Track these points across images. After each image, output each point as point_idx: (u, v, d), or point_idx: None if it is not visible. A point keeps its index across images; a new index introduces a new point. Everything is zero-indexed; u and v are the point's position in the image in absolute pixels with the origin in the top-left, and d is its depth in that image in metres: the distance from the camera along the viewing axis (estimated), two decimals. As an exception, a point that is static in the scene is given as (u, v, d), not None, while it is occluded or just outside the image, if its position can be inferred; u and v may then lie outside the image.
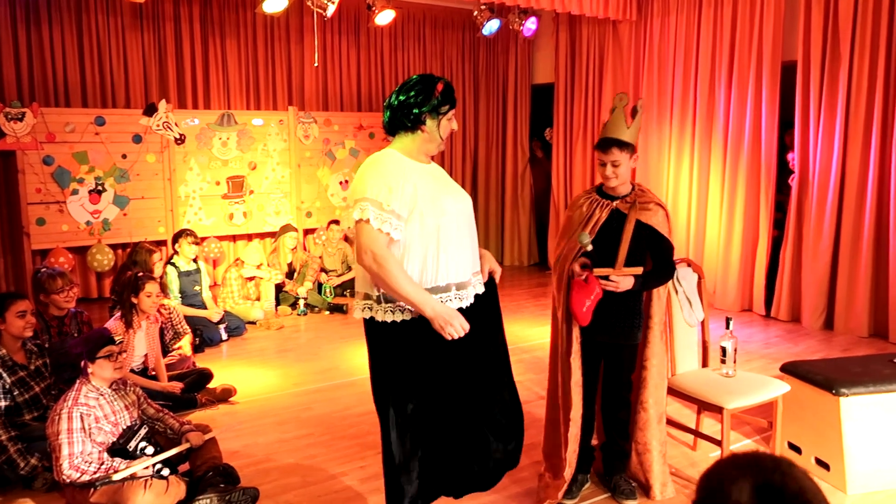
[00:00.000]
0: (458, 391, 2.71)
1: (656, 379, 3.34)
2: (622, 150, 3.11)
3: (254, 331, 6.44)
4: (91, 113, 7.04)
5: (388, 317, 2.56)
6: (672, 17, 7.45)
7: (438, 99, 2.59)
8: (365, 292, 2.62)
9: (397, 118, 2.60)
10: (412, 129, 2.60)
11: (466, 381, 2.72)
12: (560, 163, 8.86)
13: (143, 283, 4.46)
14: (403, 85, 2.62)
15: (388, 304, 2.56)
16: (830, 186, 6.21)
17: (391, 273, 2.44)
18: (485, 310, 2.72)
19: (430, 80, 2.62)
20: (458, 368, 2.71)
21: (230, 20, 8.01)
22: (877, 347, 5.72)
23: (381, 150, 2.63)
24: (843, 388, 3.39)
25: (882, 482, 3.45)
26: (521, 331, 6.45)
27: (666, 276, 3.25)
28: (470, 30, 9.50)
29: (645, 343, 3.34)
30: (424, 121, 2.59)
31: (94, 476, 3.05)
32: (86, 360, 3.26)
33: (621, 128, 3.12)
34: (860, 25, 5.92)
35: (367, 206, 2.45)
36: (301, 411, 4.54)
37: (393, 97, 2.62)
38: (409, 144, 2.63)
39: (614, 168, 3.14)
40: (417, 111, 2.57)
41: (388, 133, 2.68)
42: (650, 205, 3.20)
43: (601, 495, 3.43)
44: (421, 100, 2.57)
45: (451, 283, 2.58)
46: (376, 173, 2.51)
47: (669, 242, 3.21)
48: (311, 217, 8.36)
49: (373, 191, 2.46)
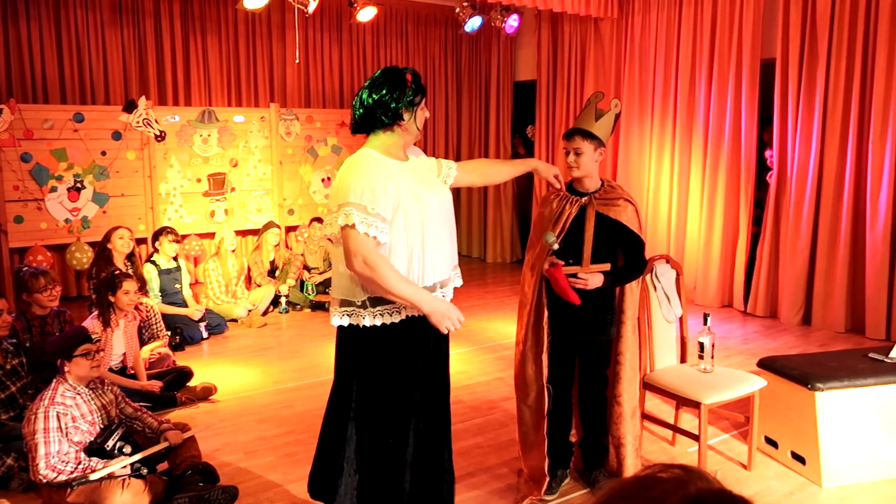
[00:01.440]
0: (442, 397, 2.74)
1: (629, 373, 3.36)
2: (585, 139, 3.13)
3: (235, 328, 6.42)
4: (70, 109, 6.98)
5: (378, 320, 2.53)
6: (653, 15, 7.49)
7: (411, 90, 2.56)
8: (344, 299, 2.57)
9: (373, 116, 2.55)
10: (390, 125, 2.56)
11: (444, 390, 2.75)
12: (542, 159, 8.87)
13: (120, 282, 4.43)
14: (372, 82, 2.57)
15: (377, 308, 2.53)
16: (808, 183, 6.27)
17: (384, 275, 2.40)
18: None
19: (398, 73, 2.58)
20: (442, 372, 2.72)
21: (211, 16, 7.96)
22: (854, 342, 5.78)
23: (358, 152, 2.58)
24: (818, 383, 3.43)
25: (856, 475, 3.50)
26: (504, 328, 6.46)
27: (636, 271, 3.26)
28: (452, 27, 9.50)
29: (618, 337, 3.35)
30: (402, 115, 2.55)
31: (71, 476, 3.04)
32: (62, 359, 3.24)
33: (589, 120, 3.16)
34: (837, 25, 5.98)
35: (351, 210, 2.40)
36: (282, 409, 4.53)
37: (364, 95, 2.56)
38: (387, 141, 2.59)
39: (576, 157, 3.16)
40: (395, 106, 2.53)
41: (359, 132, 2.64)
42: (619, 200, 3.21)
43: (580, 491, 3.45)
44: (397, 95, 2.53)
45: (436, 282, 2.59)
46: (358, 176, 2.45)
47: (640, 238, 3.22)
48: (293, 214, 8.33)
49: (356, 194, 2.42)
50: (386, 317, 2.53)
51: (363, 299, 2.52)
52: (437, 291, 2.59)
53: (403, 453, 2.65)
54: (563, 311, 3.26)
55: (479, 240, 9.86)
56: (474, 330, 6.30)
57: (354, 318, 2.56)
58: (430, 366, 2.69)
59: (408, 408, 2.63)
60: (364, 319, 2.54)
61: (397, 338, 2.57)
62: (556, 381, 3.34)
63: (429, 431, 2.72)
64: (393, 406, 2.62)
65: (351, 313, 2.56)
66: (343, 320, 2.57)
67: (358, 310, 2.54)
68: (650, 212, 7.68)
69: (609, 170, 8.07)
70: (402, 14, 9.27)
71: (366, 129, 2.61)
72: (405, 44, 9.37)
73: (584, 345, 3.31)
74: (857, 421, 3.48)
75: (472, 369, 5.27)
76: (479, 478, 3.58)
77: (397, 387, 2.61)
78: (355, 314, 2.55)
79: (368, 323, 2.53)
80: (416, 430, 2.68)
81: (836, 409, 3.46)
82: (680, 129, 7.33)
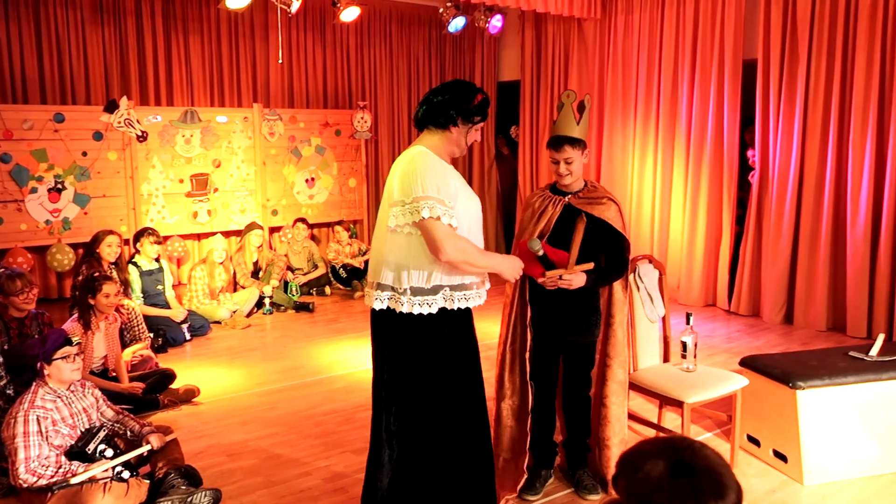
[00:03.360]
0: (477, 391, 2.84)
1: (619, 376, 3.37)
2: (574, 147, 3.16)
3: (219, 330, 6.38)
4: (50, 109, 6.90)
5: (416, 309, 2.64)
6: (636, 16, 7.52)
7: (475, 108, 2.74)
8: (389, 284, 2.67)
9: (432, 114, 2.72)
10: (443, 126, 2.72)
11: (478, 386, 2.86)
12: (526, 160, 8.91)
13: (100, 285, 4.39)
14: (444, 85, 2.78)
15: (417, 298, 2.64)
16: (790, 183, 6.32)
17: (473, 256, 2.60)
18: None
19: (470, 88, 2.77)
20: (475, 361, 2.84)
21: (193, 15, 7.90)
22: (835, 341, 5.83)
23: (414, 149, 2.70)
24: (799, 382, 3.46)
25: (837, 473, 3.53)
26: (487, 328, 6.45)
27: (619, 271, 3.27)
28: (436, 27, 9.49)
29: (607, 340, 3.36)
30: (456, 123, 2.72)
31: (52, 480, 3.00)
32: (42, 362, 3.21)
33: (571, 125, 3.17)
34: (817, 26, 6.04)
35: (433, 203, 2.55)
36: (265, 411, 4.51)
37: (432, 94, 2.75)
38: (438, 142, 2.74)
39: (567, 165, 3.18)
40: (453, 112, 2.70)
41: (417, 126, 2.80)
42: (602, 199, 3.23)
43: (564, 490, 3.45)
44: (458, 102, 2.71)
45: (474, 281, 2.73)
46: (428, 171, 2.60)
47: (623, 237, 3.24)
48: (276, 215, 8.29)
49: (432, 188, 2.57)
50: (425, 307, 2.63)
51: (406, 287, 2.63)
52: (473, 290, 2.73)
53: (438, 442, 2.75)
54: (547, 311, 3.27)
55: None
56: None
57: (393, 303, 2.66)
58: (461, 357, 2.79)
59: (439, 397, 2.73)
60: (403, 306, 2.63)
61: (432, 327, 2.68)
62: (539, 380, 3.36)
63: (463, 423, 2.80)
64: (423, 394, 2.73)
65: (391, 298, 2.67)
66: (383, 304, 2.68)
67: (398, 296, 2.64)
68: (633, 212, 7.71)
69: (593, 170, 8.09)
70: (385, 14, 9.25)
71: (422, 124, 2.78)
72: (389, 44, 9.35)
73: (568, 346, 3.32)
74: (838, 419, 3.52)
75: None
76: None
77: (427, 375, 2.72)
78: (394, 298, 2.66)
79: (406, 310, 2.63)
80: (450, 421, 2.77)
81: (818, 407, 3.49)
82: (663, 129, 7.37)
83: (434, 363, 2.71)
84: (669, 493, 1.20)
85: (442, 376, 2.72)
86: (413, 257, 2.62)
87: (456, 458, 2.77)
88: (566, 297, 3.13)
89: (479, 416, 2.84)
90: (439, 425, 2.74)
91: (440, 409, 2.73)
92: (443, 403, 2.73)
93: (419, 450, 2.75)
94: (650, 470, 1.24)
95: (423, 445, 2.75)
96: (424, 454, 2.75)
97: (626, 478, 1.27)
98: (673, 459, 1.25)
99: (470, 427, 2.80)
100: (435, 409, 2.73)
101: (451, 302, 2.67)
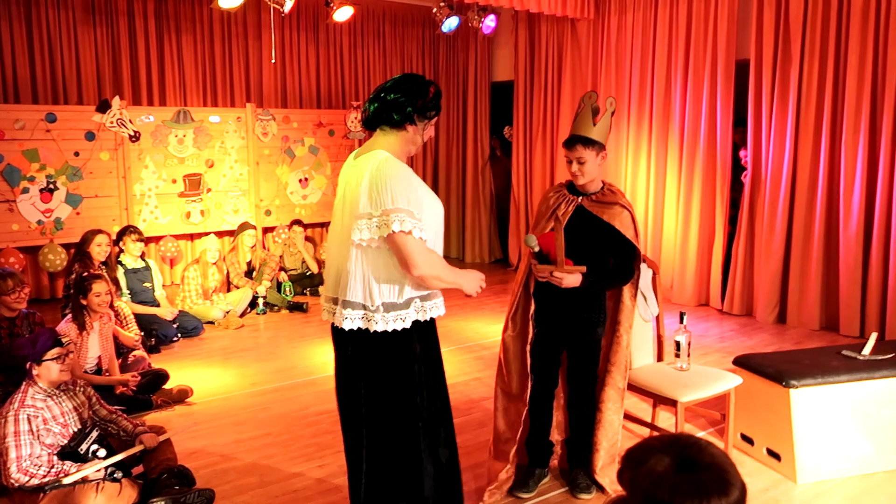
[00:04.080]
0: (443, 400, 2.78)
1: (618, 383, 3.36)
2: (587, 147, 3.12)
3: (212, 330, 6.36)
4: (42, 109, 6.88)
5: (391, 326, 2.53)
6: (629, 16, 7.54)
7: (430, 102, 2.61)
8: (358, 302, 2.54)
9: (386, 113, 2.57)
10: (398, 126, 2.58)
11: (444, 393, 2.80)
12: (520, 160, 8.91)
13: (89, 284, 4.36)
14: (396, 82, 2.60)
15: (390, 314, 2.53)
16: (782, 183, 6.34)
17: (442, 271, 2.53)
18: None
19: (422, 82, 2.63)
20: (441, 375, 2.77)
21: (186, 15, 7.88)
22: (828, 340, 5.86)
23: (377, 155, 2.53)
24: (792, 381, 3.47)
25: (830, 471, 3.54)
26: (482, 327, 6.47)
27: (623, 277, 3.26)
28: (429, 27, 9.49)
29: (610, 346, 3.36)
30: (413, 121, 2.59)
31: (44, 480, 2.99)
32: (32, 362, 3.19)
33: (587, 125, 3.13)
34: (810, 26, 6.06)
35: (404, 216, 2.42)
36: (259, 411, 4.50)
37: (383, 92, 2.59)
38: (394, 143, 2.60)
39: (580, 165, 3.15)
40: (410, 110, 2.56)
41: (368, 128, 2.66)
42: (615, 206, 3.21)
43: (559, 490, 3.45)
44: (414, 100, 2.57)
45: (433, 292, 2.65)
46: (396, 181, 2.46)
47: (632, 244, 3.21)
48: (270, 215, 8.28)
49: (402, 200, 2.44)
50: (398, 322, 2.53)
51: (378, 304, 2.52)
52: (437, 299, 2.66)
53: (417, 454, 2.68)
54: (549, 306, 3.27)
55: (458, 240, 9.86)
56: (453, 330, 6.30)
57: (365, 322, 2.54)
58: (434, 367, 2.73)
59: (414, 411, 2.65)
60: (377, 324, 2.52)
61: (403, 342, 2.59)
62: (539, 375, 3.35)
63: (437, 429, 2.75)
64: (400, 409, 2.64)
65: (363, 317, 2.54)
66: (356, 323, 2.55)
67: (370, 314, 2.53)
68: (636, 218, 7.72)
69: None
70: (378, 14, 9.25)
71: (373, 124, 2.63)
72: (382, 44, 9.35)
73: (572, 343, 3.32)
74: (831, 418, 3.53)
75: (451, 369, 5.26)
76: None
77: (406, 388, 2.63)
78: (367, 318, 2.54)
79: (380, 328, 2.52)
80: (423, 432, 2.70)
81: (811, 406, 3.50)
82: (656, 129, 7.38)
83: (410, 376, 2.62)
84: (673, 487, 1.21)
85: (419, 387, 2.64)
86: (383, 271, 2.52)
87: (430, 462, 2.72)
88: (568, 293, 3.13)
89: (449, 421, 2.81)
90: (417, 433, 2.66)
91: (418, 419, 2.66)
92: (421, 413, 2.66)
93: (398, 459, 2.68)
94: (655, 464, 1.25)
95: (401, 455, 2.67)
96: (403, 462, 2.68)
97: (631, 471, 1.28)
98: (678, 455, 1.26)
99: (443, 431, 2.76)
100: (414, 419, 2.65)
101: (423, 313, 2.58)
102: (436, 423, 2.73)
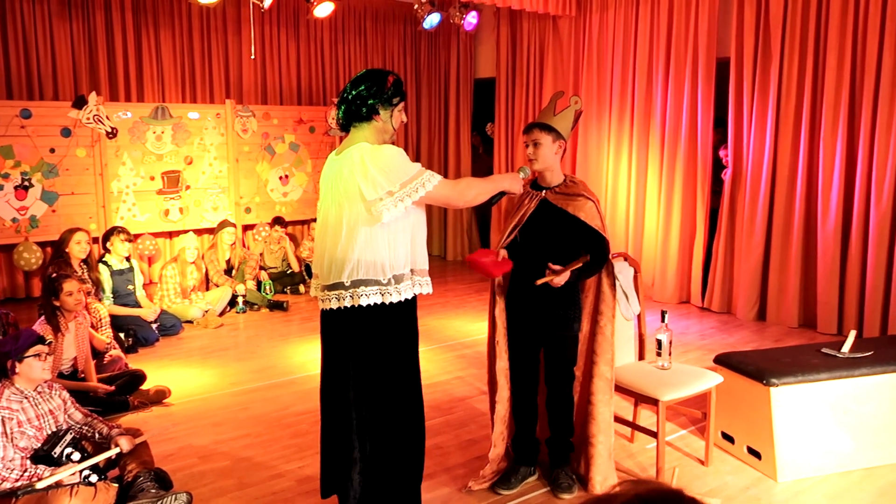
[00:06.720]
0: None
1: (605, 374, 3.35)
2: (543, 131, 3.20)
3: (191, 329, 6.29)
4: (16, 105, 6.76)
5: (405, 295, 2.70)
6: (610, 13, 7.54)
7: (390, 91, 2.76)
8: (373, 279, 2.66)
9: (352, 110, 2.75)
10: (367, 118, 2.74)
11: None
12: (501, 157, 8.90)
13: (59, 284, 4.27)
14: (355, 79, 2.78)
15: (402, 285, 2.69)
16: (762, 181, 6.37)
17: (482, 187, 2.85)
18: None
19: (380, 74, 2.79)
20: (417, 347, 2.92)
21: (164, 9, 7.78)
22: (807, 337, 5.89)
23: (364, 147, 2.68)
24: (773, 379, 3.48)
25: (810, 469, 3.55)
26: (464, 326, 6.45)
27: (597, 266, 3.28)
28: (411, 23, 9.45)
29: (594, 337, 3.35)
30: (378, 111, 2.74)
31: (16, 484, 2.93)
32: (13, 360, 3.13)
33: (548, 114, 3.24)
34: (790, 25, 6.09)
35: (424, 177, 2.65)
36: (238, 411, 4.45)
37: (346, 92, 2.77)
38: (370, 135, 2.75)
39: (535, 148, 3.23)
40: (372, 102, 2.72)
41: (343, 128, 2.81)
42: (578, 197, 3.23)
43: (542, 489, 3.44)
44: (374, 91, 2.73)
45: (424, 268, 2.79)
46: (395, 156, 2.66)
47: (599, 234, 3.23)
48: (250, 213, 8.20)
49: (410, 168, 2.66)
50: (407, 291, 2.71)
51: (389, 276, 2.66)
52: (425, 276, 2.81)
53: (416, 427, 2.85)
54: (522, 304, 3.27)
55: (440, 237, 9.83)
56: (434, 328, 6.28)
57: (382, 296, 2.67)
58: (415, 343, 2.88)
59: (406, 384, 2.81)
60: (391, 296, 2.67)
61: (406, 313, 2.76)
62: (517, 374, 3.34)
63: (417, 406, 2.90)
64: (394, 384, 2.77)
65: (378, 291, 2.68)
66: (372, 299, 2.66)
67: (383, 287, 2.66)
68: (608, 209, 7.74)
69: (568, 168, 8.10)
70: (360, 10, 9.18)
71: (347, 124, 2.80)
72: (363, 40, 9.29)
73: (548, 340, 3.31)
74: (812, 415, 3.54)
75: (433, 368, 5.24)
76: (439, 478, 3.55)
77: (397, 364, 2.77)
78: (382, 291, 2.67)
79: (395, 299, 2.67)
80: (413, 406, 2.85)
81: (791, 403, 3.51)
82: (637, 126, 7.39)
83: (402, 350, 2.77)
84: None
85: (407, 363, 2.80)
86: (392, 247, 2.67)
87: (415, 440, 2.87)
88: (542, 290, 3.13)
89: (419, 401, 2.92)
90: (407, 412, 2.80)
91: (407, 396, 2.79)
92: (408, 389, 2.80)
93: (392, 441, 2.79)
94: None
95: (394, 435, 2.79)
96: (397, 444, 2.80)
97: None
98: None
99: (418, 409, 2.89)
100: (403, 397, 2.78)
101: (418, 287, 2.76)
102: (416, 395, 2.87)
